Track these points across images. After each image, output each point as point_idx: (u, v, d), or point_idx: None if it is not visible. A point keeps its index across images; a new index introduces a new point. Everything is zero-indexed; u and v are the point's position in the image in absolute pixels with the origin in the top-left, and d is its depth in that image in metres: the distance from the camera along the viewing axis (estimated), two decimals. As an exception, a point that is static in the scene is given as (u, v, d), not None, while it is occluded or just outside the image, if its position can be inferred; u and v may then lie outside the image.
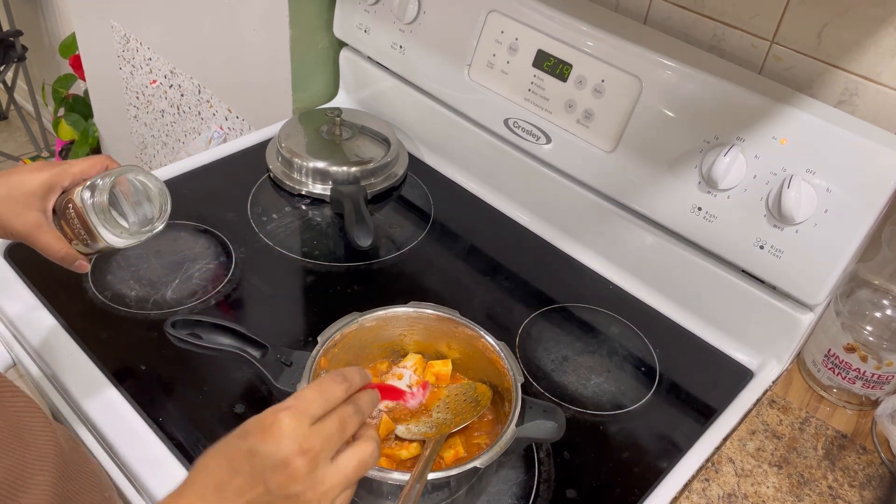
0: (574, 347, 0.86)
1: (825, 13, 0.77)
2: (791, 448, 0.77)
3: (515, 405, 0.64)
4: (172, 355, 0.78)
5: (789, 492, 0.72)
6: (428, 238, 0.99)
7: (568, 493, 0.71)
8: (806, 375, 0.86)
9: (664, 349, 0.87)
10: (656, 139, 0.85)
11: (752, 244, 0.81)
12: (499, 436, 0.63)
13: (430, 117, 1.10)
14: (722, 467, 0.74)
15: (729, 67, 0.82)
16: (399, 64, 1.09)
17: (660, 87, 0.83)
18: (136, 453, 0.69)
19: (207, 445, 0.50)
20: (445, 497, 0.64)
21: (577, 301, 0.92)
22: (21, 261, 0.87)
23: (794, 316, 0.82)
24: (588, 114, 0.90)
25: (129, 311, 0.83)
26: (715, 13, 0.85)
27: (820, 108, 0.76)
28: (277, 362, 0.70)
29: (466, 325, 0.71)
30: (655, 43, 0.85)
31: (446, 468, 0.61)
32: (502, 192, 1.06)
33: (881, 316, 0.82)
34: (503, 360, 0.69)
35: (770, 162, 0.77)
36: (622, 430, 0.78)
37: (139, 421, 0.72)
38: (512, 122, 0.97)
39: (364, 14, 1.09)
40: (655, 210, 0.88)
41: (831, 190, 0.74)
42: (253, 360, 0.70)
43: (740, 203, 0.80)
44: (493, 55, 0.96)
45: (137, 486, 0.69)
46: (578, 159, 0.93)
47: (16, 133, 2.81)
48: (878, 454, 0.77)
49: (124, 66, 1.62)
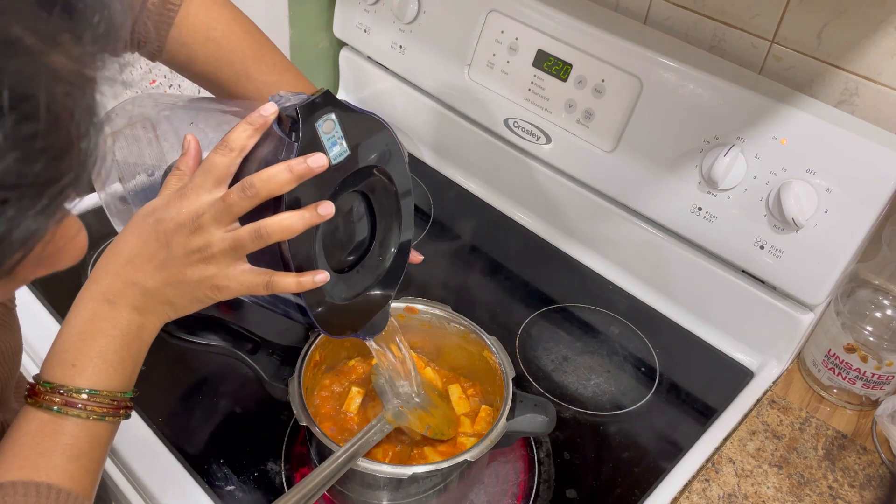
0: (574, 347, 0.86)
1: (825, 13, 0.77)
2: (791, 448, 0.77)
3: (506, 399, 0.65)
4: (172, 355, 0.78)
5: (789, 492, 0.72)
6: (428, 238, 0.99)
7: (568, 494, 0.71)
8: (806, 375, 0.86)
9: (664, 349, 0.87)
10: (656, 139, 0.85)
11: (753, 244, 0.80)
12: (489, 429, 0.63)
13: (430, 117, 1.10)
14: (722, 467, 0.74)
15: (729, 67, 0.82)
16: (399, 64, 1.09)
17: (660, 87, 0.83)
18: (134, 449, 0.69)
19: (206, 444, 0.50)
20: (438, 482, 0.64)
21: (577, 301, 0.92)
22: (21, 261, 0.87)
23: (794, 316, 0.82)
24: (588, 114, 0.90)
25: (128, 311, 0.83)
26: (715, 13, 0.85)
27: (820, 108, 0.76)
28: (269, 358, 0.70)
29: (458, 319, 0.72)
30: (655, 43, 0.85)
31: (436, 461, 0.61)
32: (502, 192, 1.05)
33: (881, 316, 0.82)
34: (495, 354, 0.69)
35: (770, 162, 0.77)
36: (622, 430, 0.77)
37: (138, 421, 0.72)
38: (512, 121, 0.97)
39: (364, 14, 1.09)
40: (655, 210, 0.88)
41: (831, 190, 0.74)
42: (244, 356, 0.70)
43: (740, 203, 0.80)
44: (493, 55, 0.96)
45: (133, 482, 0.69)
46: (578, 159, 0.93)
47: (15, 133, 2.81)
48: (878, 454, 0.77)
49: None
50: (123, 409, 0.51)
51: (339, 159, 0.53)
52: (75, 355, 0.50)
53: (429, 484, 0.63)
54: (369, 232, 0.60)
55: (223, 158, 0.50)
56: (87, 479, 0.49)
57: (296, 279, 0.52)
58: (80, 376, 0.49)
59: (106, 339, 0.50)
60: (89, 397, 0.49)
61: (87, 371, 0.49)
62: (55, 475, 0.47)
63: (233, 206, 0.49)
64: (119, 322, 0.51)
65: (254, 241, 0.50)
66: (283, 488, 0.68)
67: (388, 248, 0.62)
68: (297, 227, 0.50)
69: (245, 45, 0.70)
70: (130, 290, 0.51)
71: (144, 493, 0.68)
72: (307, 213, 0.50)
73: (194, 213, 0.50)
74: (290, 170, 0.49)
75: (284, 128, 0.51)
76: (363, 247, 0.60)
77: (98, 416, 0.49)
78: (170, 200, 0.51)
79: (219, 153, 0.50)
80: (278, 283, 0.51)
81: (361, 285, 0.60)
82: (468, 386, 0.74)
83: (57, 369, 0.50)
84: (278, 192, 0.49)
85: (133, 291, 0.51)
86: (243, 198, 0.49)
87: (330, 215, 0.51)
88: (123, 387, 0.51)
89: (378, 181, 0.58)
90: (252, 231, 0.49)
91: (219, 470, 0.69)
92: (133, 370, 0.53)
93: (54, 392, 0.49)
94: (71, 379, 0.49)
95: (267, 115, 0.51)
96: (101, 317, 0.51)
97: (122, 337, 0.51)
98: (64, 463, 0.48)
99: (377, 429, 0.63)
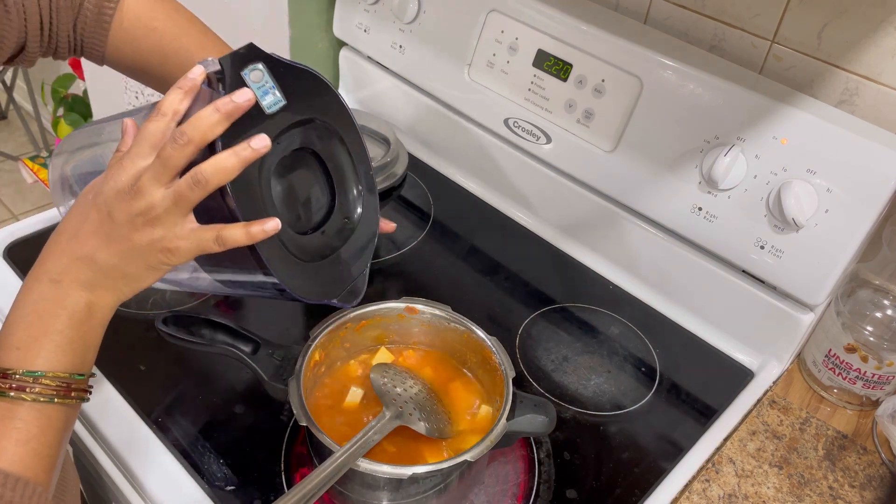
0: (574, 348, 0.86)
1: (825, 13, 0.77)
2: (791, 448, 0.77)
3: (506, 399, 0.65)
4: (172, 355, 0.78)
5: (790, 492, 0.72)
6: (428, 238, 0.99)
7: (568, 494, 0.71)
8: (806, 376, 0.86)
9: (664, 349, 0.87)
10: (656, 139, 0.85)
11: (753, 244, 0.80)
12: (489, 429, 0.63)
13: (430, 117, 1.09)
14: (722, 468, 0.74)
15: (729, 67, 0.82)
16: (399, 64, 1.09)
17: (660, 86, 0.83)
18: (133, 449, 0.69)
19: (206, 445, 0.50)
20: (438, 482, 0.64)
21: (577, 301, 0.92)
22: (21, 261, 0.87)
23: (794, 316, 0.82)
24: (588, 114, 0.90)
25: (128, 311, 0.83)
26: (715, 13, 0.85)
27: (820, 108, 0.76)
28: (269, 358, 0.70)
29: (458, 319, 0.72)
30: (656, 43, 0.85)
31: (436, 461, 0.61)
32: (502, 192, 1.05)
33: (882, 316, 0.82)
34: (495, 354, 0.69)
35: (770, 162, 0.77)
36: (622, 430, 0.77)
37: (138, 421, 0.72)
38: (512, 121, 0.97)
39: (364, 14, 1.09)
40: (656, 210, 0.88)
41: (832, 190, 0.74)
42: (244, 357, 0.70)
43: (741, 203, 0.80)
44: (493, 55, 0.96)
45: (132, 482, 0.69)
46: (578, 159, 0.93)
47: (15, 133, 2.81)
48: (878, 454, 0.77)
49: (124, 65, 1.62)
50: (77, 392, 0.50)
51: (273, 108, 0.51)
52: (22, 338, 0.49)
53: (429, 484, 0.62)
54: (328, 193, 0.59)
55: (157, 124, 0.50)
56: (40, 464, 0.48)
57: (245, 229, 0.50)
58: (27, 359, 0.49)
59: (52, 319, 0.49)
60: (35, 380, 0.48)
61: (33, 353, 0.49)
62: (2, 459, 0.47)
63: (168, 159, 0.49)
64: (65, 302, 0.50)
65: (193, 190, 0.49)
66: (283, 488, 0.68)
67: (352, 208, 0.61)
68: (232, 163, 0.49)
69: (188, 34, 0.70)
70: (77, 265, 0.50)
71: (143, 493, 0.68)
72: (240, 148, 0.49)
73: (132, 177, 0.49)
74: (217, 109, 0.48)
75: (215, 88, 0.50)
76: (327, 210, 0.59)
77: (46, 398, 0.48)
78: (107, 174, 0.51)
79: (152, 120, 0.50)
80: (228, 236, 0.50)
81: (329, 247, 0.59)
82: (468, 386, 0.73)
83: (4, 353, 0.49)
84: (210, 134, 0.48)
85: (80, 267, 0.50)
86: (176, 147, 0.48)
87: (266, 148, 0.49)
88: (75, 368, 0.50)
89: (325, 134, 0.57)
90: (189, 179, 0.49)
91: (219, 470, 0.69)
92: (85, 351, 0.52)
93: (3, 377, 0.48)
94: (18, 363, 0.48)
95: (195, 76, 0.51)
96: (47, 297, 0.50)
97: (69, 317, 0.50)
98: (12, 447, 0.47)
99: (377, 429, 0.63)
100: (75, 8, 0.66)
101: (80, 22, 0.67)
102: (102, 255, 0.50)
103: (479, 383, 0.73)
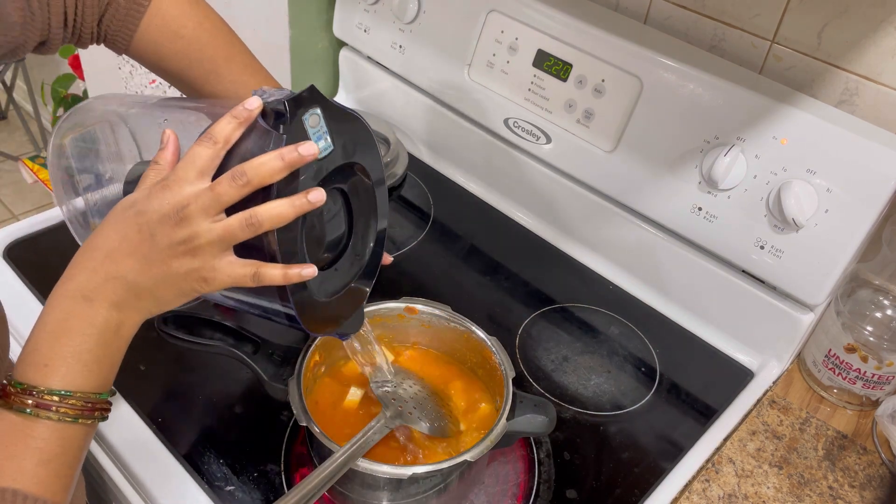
0: (574, 347, 0.86)
1: (825, 13, 0.77)
2: (791, 448, 0.77)
3: (506, 399, 0.65)
4: (172, 355, 0.78)
5: (790, 492, 0.72)
6: (428, 238, 0.99)
7: (568, 494, 0.71)
8: (806, 376, 0.86)
9: (664, 349, 0.87)
10: (656, 139, 0.85)
11: (753, 244, 0.80)
12: (489, 429, 0.63)
13: (430, 117, 1.09)
14: (722, 468, 0.74)
15: (729, 67, 0.82)
16: (399, 64, 1.09)
17: (660, 86, 0.83)
18: (133, 450, 0.69)
19: (206, 445, 0.50)
20: (438, 482, 0.64)
21: (577, 301, 0.92)
22: (21, 261, 0.87)
23: (794, 316, 0.82)
24: (588, 114, 0.90)
25: (128, 311, 0.83)
26: (715, 13, 0.85)
27: (820, 108, 0.76)
28: (269, 358, 0.70)
29: (458, 319, 0.72)
30: (656, 43, 0.85)
31: (436, 462, 0.61)
32: (502, 192, 1.05)
33: (881, 316, 0.82)
34: (495, 354, 0.69)
35: (770, 162, 0.77)
36: (622, 430, 0.77)
37: (138, 420, 0.72)
38: (512, 121, 0.97)
39: (364, 14, 1.09)
40: (655, 210, 0.88)
41: (831, 190, 0.74)
42: (245, 357, 0.70)
43: (740, 203, 0.80)
44: (493, 55, 0.96)
45: (133, 482, 0.69)
46: (578, 159, 0.93)
47: (15, 133, 2.81)
48: (878, 454, 0.77)
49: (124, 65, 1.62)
50: (99, 412, 0.50)
51: (323, 154, 0.52)
52: (48, 355, 0.48)
53: (429, 484, 0.62)
54: (346, 229, 0.60)
55: (207, 150, 0.49)
56: (58, 483, 0.48)
57: (283, 271, 0.50)
58: (52, 377, 0.48)
59: (81, 338, 0.49)
60: (62, 399, 0.47)
61: (61, 372, 0.48)
62: (22, 480, 0.46)
63: (222, 195, 0.48)
64: (96, 320, 0.49)
65: (244, 230, 0.49)
66: (283, 488, 0.68)
67: (365, 244, 0.62)
68: (288, 214, 0.49)
69: (215, 44, 0.69)
70: (110, 285, 0.49)
71: (144, 494, 0.68)
72: (297, 200, 0.49)
73: (179, 203, 0.49)
74: (282, 157, 0.48)
75: (269, 122, 0.50)
76: (338, 244, 0.60)
77: (71, 418, 0.48)
78: (151, 192, 0.50)
79: (203, 145, 0.49)
80: (265, 275, 0.50)
81: (340, 282, 0.59)
82: (468, 386, 0.74)
83: (29, 370, 0.48)
84: (269, 180, 0.48)
85: (113, 286, 0.49)
86: (233, 186, 0.48)
87: (321, 202, 0.50)
88: (99, 388, 0.50)
89: (359, 180, 0.58)
90: (244, 219, 0.49)
91: (219, 470, 0.69)
92: (110, 370, 0.51)
93: (26, 393, 0.47)
94: (43, 380, 0.48)
95: (252, 108, 0.50)
96: (77, 315, 0.49)
97: (99, 335, 0.49)
98: (33, 467, 0.46)
99: (377, 429, 0.63)
100: (102, 4, 0.66)
101: (107, 17, 0.66)
102: (138, 277, 0.50)
103: (479, 383, 0.73)
